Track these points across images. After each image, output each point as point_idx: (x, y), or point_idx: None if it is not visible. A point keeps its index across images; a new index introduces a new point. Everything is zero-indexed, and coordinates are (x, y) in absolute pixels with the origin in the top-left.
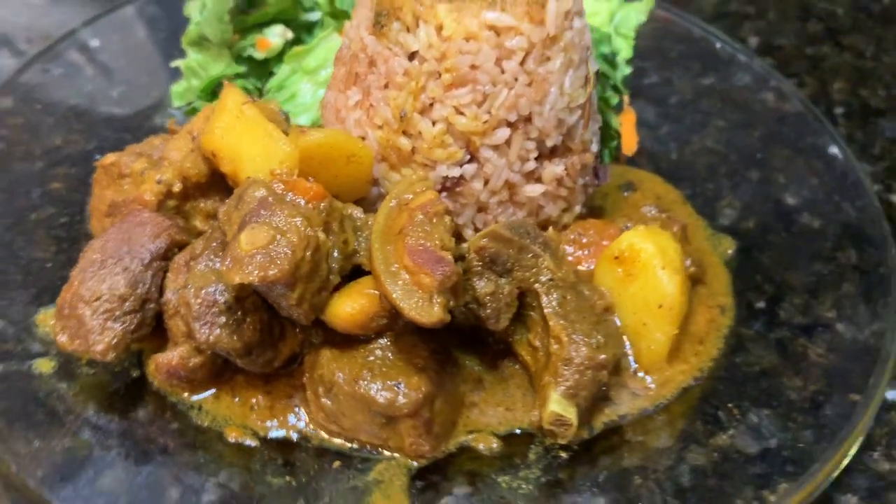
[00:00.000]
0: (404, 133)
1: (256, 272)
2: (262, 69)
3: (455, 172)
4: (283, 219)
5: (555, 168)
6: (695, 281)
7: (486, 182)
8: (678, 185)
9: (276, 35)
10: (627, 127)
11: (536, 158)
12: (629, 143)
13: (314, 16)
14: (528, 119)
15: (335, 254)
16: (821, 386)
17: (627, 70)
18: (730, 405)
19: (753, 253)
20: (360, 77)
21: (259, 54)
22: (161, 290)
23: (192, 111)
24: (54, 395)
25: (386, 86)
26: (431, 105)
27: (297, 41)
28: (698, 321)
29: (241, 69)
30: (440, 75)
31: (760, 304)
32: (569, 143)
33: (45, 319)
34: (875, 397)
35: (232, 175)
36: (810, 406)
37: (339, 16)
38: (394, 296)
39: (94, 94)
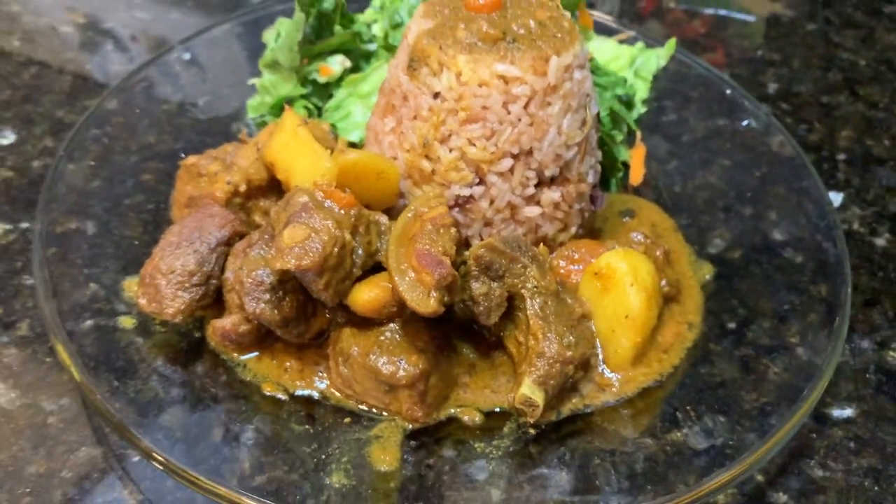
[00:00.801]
0: (426, 157)
1: (293, 261)
2: (323, 91)
3: (466, 192)
4: (319, 221)
5: (552, 194)
6: (669, 299)
7: (492, 202)
8: (676, 214)
9: (337, 63)
10: (637, 160)
11: (536, 185)
12: (636, 174)
13: (371, 46)
14: (529, 152)
15: (359, 251)
16: (771, 399)
17: (643, 109)
18: (688, 408)
19: (734, 280)
20: (395, 108)
21: (321, 79)
22: (222, 270)
23: (262, 124)
24: (132, 346)
25: (414, 117)
26: (449, 136)
27: (355, 68)
28: (666, 334)
29: (305, 91)
30: (457, 112)
31: (732, 325)
32: (566, 173)
33: (130, 286)
34: (804, 406)
35: (285, 182)
36: (758, 414)
37: (391, 49)
38: (401, 289)
39: (183, 101)
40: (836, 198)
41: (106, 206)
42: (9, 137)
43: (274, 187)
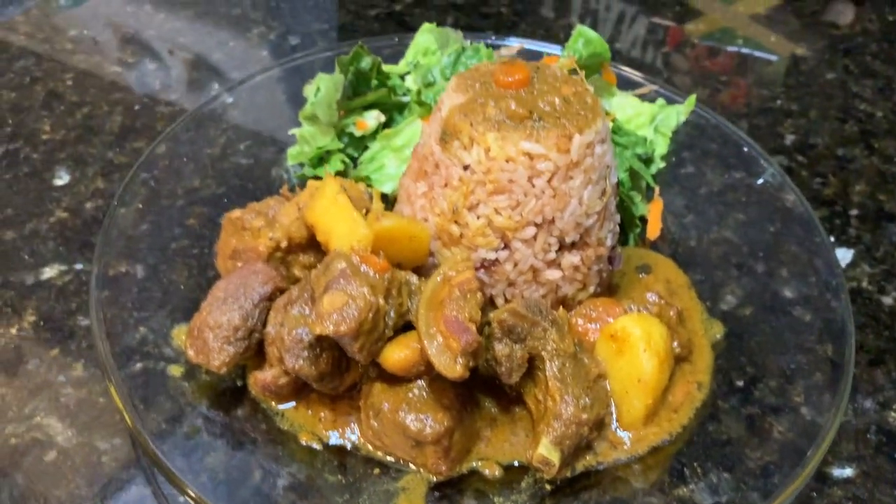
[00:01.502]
0: (455, 222)
1: (332, 327)
2: (358, 143)
3: (491, 256)
4: (355, 287)
5: (572, 258)
6: (680, 359)
7: (515, 265)
8: (690, 270)
9: (372, 118)
10: (654, 214)
11: (557, 250)
12: (654, 229)
13: (405, 98)
14: (551, 221)
15: (391, 313)
16: (775, 458)
17: (661, 164)
18: (695, 464)
19: (744, 337)
20: (427, 174)
21: (357, 132)
22: (264, 324)
23: (301, 176)
24: (179, 391)
25: (445, 185)
26: (477, 204)
27: (389, 120)
28: (676, 393)
29: (342, 144)
30: (485, 184)
31: (739, 383)
32: (586, 239)
33: (179, 335)
34: (807, 469)
35: (324, 243)
36: (761, 473)
37: (423, 105)
38: (429, 352)
39: (226, 145)
40: (846, 254)
41: (154, 251)
42: (63, 178)
43: (313, 244)
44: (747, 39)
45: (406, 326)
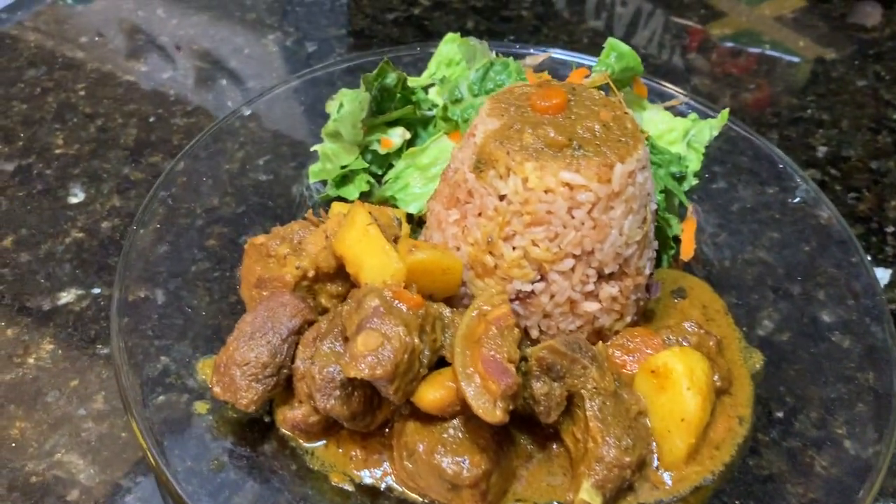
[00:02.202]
0: (490, 253)
1: (367, 370)
2: (382, 160)
3: (527, 288)
4: (390, 327)
5: (610, 289)
6: (720, 392)
7: (552, 297)
8: (726, 293)
9: (397, 136)
10: (687, 234)
11: (595, 281)
12: (687, 250)
13: (431, 112)
14: (590, 253)
15: (425, 351)
16: (819, 495)
17: (694, 181)
18: (737, 502)
19: (782, 365)
20: (459, 201)
21: (382, 150)
22: (293, 358)
23: (325, 197)
24: (204, 426)
25: (479, 214)
26: (513, 235)
27: (414, 136)
28: (718, 429)
29: (366, 164)
30: (522, 215)
31: (779, 414)
32: (625, 269)
33: (204, 368)
34: None
35: (354, 275)
36: None
37: (449, 121)
38: (467, 394)
39: (245, 161)
40: (884, 274)
41: (174, 275)
42: (78, 196)
43: (341, 273)
44: (775, 43)
45: (440, 361)
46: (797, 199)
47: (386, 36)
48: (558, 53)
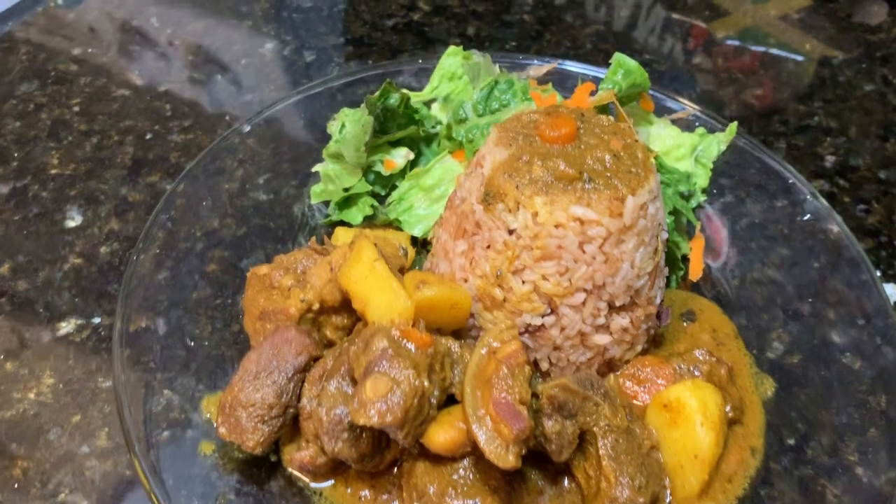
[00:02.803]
0: (499, 286)
1: (376, 418)
2: (386, 181)
3: (537, 322)
4: (399, 371)
5: (621, 320)
6: (732, 422)
7: (562, 330)
8: (735, 314)
9: (401, 157)
10: (696, 253)
11: (606, 314)
12: (696, 270)
13: (434, 129)
14: (601, 286)
15: (435, 392)
16: None
17: (703, 198)
18: None
19: (793, 389)
20: (467, 232)
21: (385, 172)
22: (299, 397)
23: (328, 222)
24: (209, 465)
25: (488, 247)
26: (522, 269)
27: (417, 154)
28: (730, 461)
29: (370, 187)
30: (532, 249)
31: (791, 441)
32: (636, 300)
33: (209, 406)
34: None
35: (360, 311)
36: None
37: (453, 140)
38: (479, 439)
39: (245, 180)
40: (893, 291)
41: (175, 302)
42: (76, 219)
43: (346, 306)
44: (781, 45)
45: (449, 398)
46: (807, 217)
47: (385, 44)
48: (562, 65)
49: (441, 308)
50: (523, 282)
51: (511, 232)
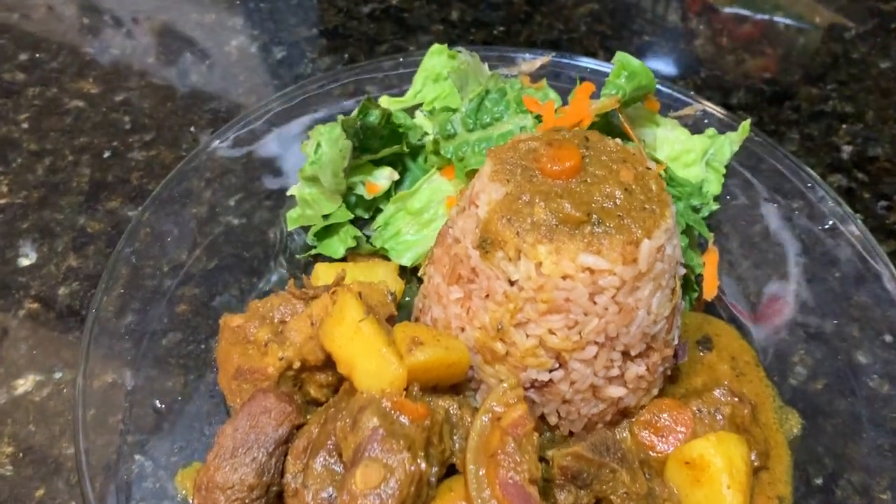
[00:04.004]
0: (500, 340)
1: None
2: (369, 203)
3: (544, 377)
4: (393, 455)
5: (637, 368)
6: (758, 469)
7: (572, 384)
8: (753, 336)
9: (384, 178)
10: (710, 271)
11: (620, 364)
12: (710, 288)
13: (421, 141)
14: (615, 337)
15: (434, 469)
16: None
17: (715, 206)
18: None
19: (818, 419)
20: (462, 278)
21: (368, 195)
22: (282, 473)
23: (307, 256)
24: None
25: (486, 297)
26: (526, 322)
27: (402, 170)
28: None
29: (351, 216)
30: (536, 301)
31: (818, 481)
32: (652, 345)
33: (183, 481)
34: None
35: (347, 376)
36: None
37: (439, 155)
38: None
39: (214, 202)
40: None
41: (143, 352)
42: (30, 256)
43: (331, 364)
44: (788, 13)
45: (450, 467)
46: (828, 225)
47: (362, 34)
48: (556, 58)
49: (437, 370)
50: (527, 335)
51: (512, 283)
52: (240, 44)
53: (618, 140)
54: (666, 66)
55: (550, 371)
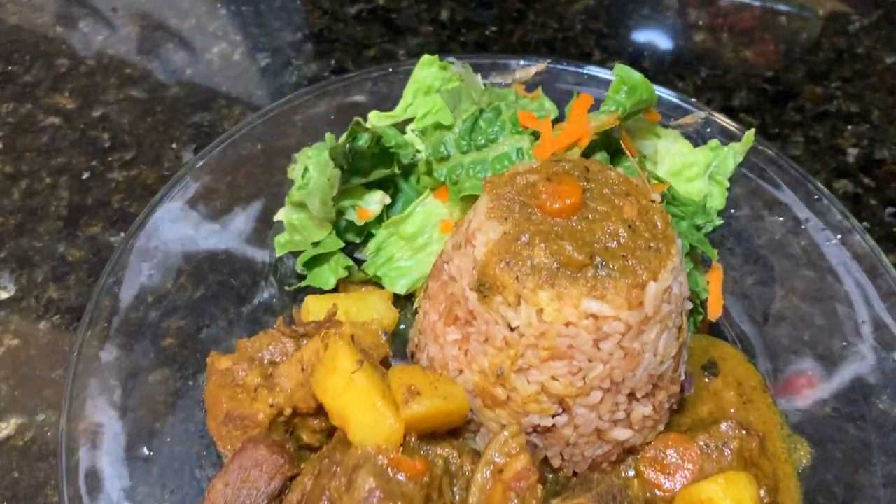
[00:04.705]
0: (500, 385)
1: None
2: (360, 229)
3: (547, 422)
4: None
5: (643, 409)
6: None
7: (576, 428)
8: (759, 357)
9: (375, 202)
10: (714, 290)
11: (626, 407)
12: (715, 308)
13: (413, 159)
14: (621, 382)
15: None
16: None
17: (719, 221)
18: None
19: (828, 445)
20: (459, 320)
21: (359, 221)
22: None
23: (297, 288)
24: None
25: (485, 341)
26: (528, 369)
27: (395, 192)
28: None
29: (341, 244)
30: (538, 348)
31: None
32: (658, 383)
33: None
34: None
35: (341, 427)
36: None
37: (431, 175)
38: None
39: (198, 222)
40: None
41: (128, 390)
42: (8, 288)
43: (323, 410)
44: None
45: None
46: (833, 241)
47: (349, 37)
48: (552, 66)
49: (435, 419)
50: (529, 381)
51: (513, 329)
52: (222, 50)
53: (620, 170)
54: (665, 67)
55: (553, 416)
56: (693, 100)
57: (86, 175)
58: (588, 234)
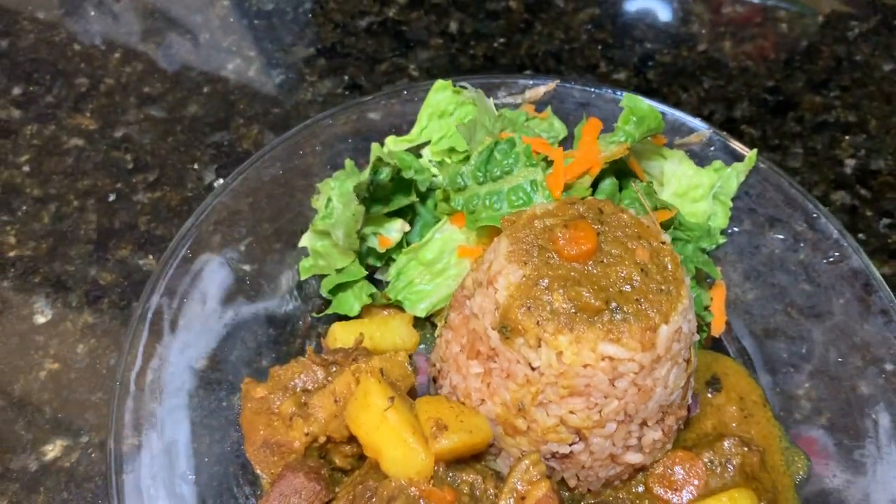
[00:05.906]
0: (521, 417)
1: None
2: (381, 255)
3: (564, 450)
4: None
5: (653, 434)
6: None
7: (592, 454)
8: (759, 371)
9: (395, 231)
10: (717, 305)
11: (638, 435)
12: (718, 324)
13: (430, 184)
14: (634, 413)
15: None
16: None
17: (722, 240)
18: None
19: (828, 464)
20: (482, 355)
21: (380, 249)
22: None
23: (322, 313)
24: None
25: (507, 377)
26: (547, 403)
27: (413, 217)
28: None
29: (365, 272)
30: (557, 386)
31: None
32: (667, 411)
33: None
34: None
35: (373, 458)
36: None
37: (448, 201)
38: None
39: (221, 245)
40: None
41: (168, 409)
42: (46, 313)
43: (355, 439)
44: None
45: None
46: (831, 259)
47: (360, 51)
48: (561, 85)
49: (461, 451)
50: (548, 415)
51: (534, 368)
52: (236, 67)
53: (631, 212)
54: (669, 78)
55: (571, 444)
56: (698, 120)
57: (112, 197)
58: (603, 279)
